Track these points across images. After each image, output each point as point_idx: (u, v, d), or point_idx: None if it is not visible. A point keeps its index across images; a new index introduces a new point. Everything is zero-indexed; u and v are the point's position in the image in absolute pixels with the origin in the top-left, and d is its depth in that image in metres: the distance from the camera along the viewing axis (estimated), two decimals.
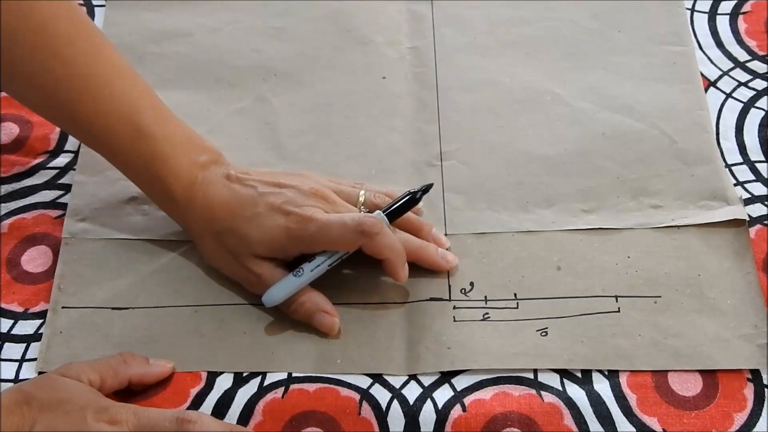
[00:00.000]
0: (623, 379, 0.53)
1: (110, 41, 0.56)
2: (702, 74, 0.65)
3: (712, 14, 0.69)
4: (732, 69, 0.66)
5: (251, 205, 0.54)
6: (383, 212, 0.55)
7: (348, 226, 0.52)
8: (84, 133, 0.56)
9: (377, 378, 0.53)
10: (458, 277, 0.57)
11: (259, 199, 0.54)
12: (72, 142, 0.64)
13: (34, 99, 0.55)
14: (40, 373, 0.54)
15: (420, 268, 0.57)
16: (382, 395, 0.52)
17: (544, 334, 0.54)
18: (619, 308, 0.55)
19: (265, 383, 0.53)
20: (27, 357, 0.55)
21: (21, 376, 0.54)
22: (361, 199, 0.56)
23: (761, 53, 0.66)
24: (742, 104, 0.64)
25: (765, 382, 0.52)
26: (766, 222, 0.58)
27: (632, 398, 0.52)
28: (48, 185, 0.62)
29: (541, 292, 0.56)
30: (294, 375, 0.53)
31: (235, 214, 0.54)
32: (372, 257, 0.54)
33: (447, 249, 0.58)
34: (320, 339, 0.55)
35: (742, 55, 0.66)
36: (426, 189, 0.56)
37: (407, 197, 0.56)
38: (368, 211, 0.55)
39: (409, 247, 0.55)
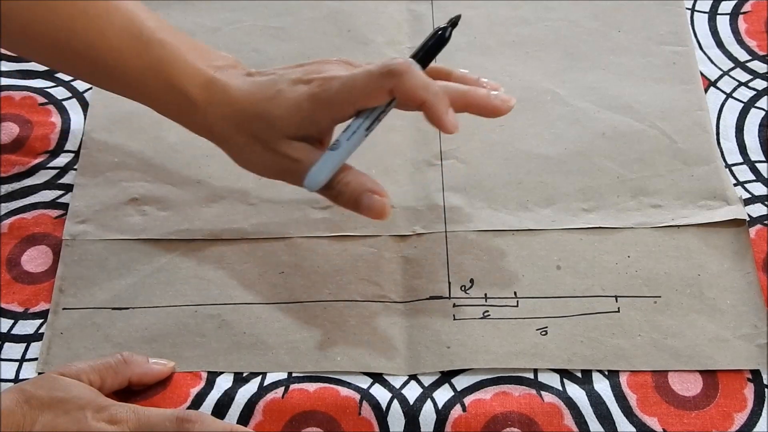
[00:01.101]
0: (623, 379, 0.53)
1: None
2: (702, 74, 0.65)
3: (712, 14, 0.69)
4: (732, 69, 0.66)
5: (272, 85, 0.51)
6: (411, 57, 0.50)
7: (373, 73, 0.48)
8: (87, 61, 0.53)
9: (377, 378, 0.53)
10: (458, 274, 0.57)
11: (279, 78, 0.51)
12: (72, 142, 0.64)
13: (30, 35, 0.52)
14: (40, 373, 0.54)
15: (420, 268, 0.57)
16: (382, 395, 0.52)
17: (543, 333, 0.54)
18: (618, 308, 0.55)
19: (265, 383, 0.53)
20: (27, 357, 0.55)
21: (21, 376, 0.54)
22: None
23: (761, 53, 0.66)
24: (742, 104, 0.64)
25: (765, 382, 0.52)
26: (766, 222, 0.58)
27: (632, 398, 0.52)
28: (48, 185, 0.62)
29: (541, 291, 0.56)
30: (294, 375, 0.53)
31: (258, 99, 0.51)
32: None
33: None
34: (320, 338, 0.55)
35: (742, 55, 0.66)
36: (454, 23, 0.51)
37: (434, 35, 0.51)
38: None
39: (454, 91, 0.50)
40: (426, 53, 0.51)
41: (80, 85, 0.67)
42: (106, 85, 0.55)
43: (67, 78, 0.67)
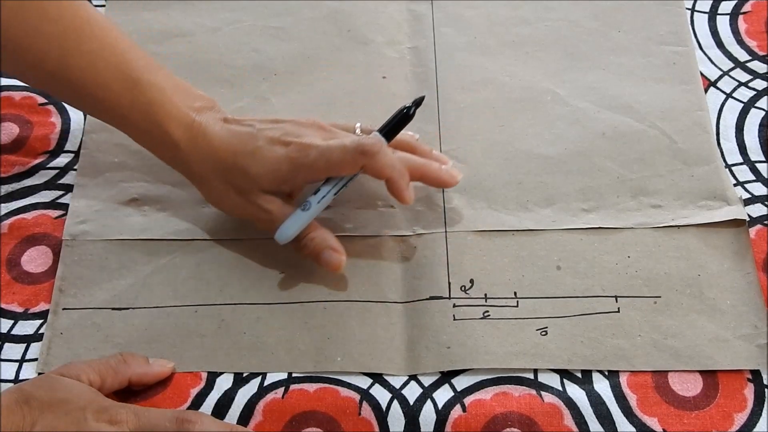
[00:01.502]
0: (623, 379, 0.53)
1: (89, 3, 0.55)
2: (702, 74, 0.65)
3: (712, 14, 0.69)
4: (732, 69, 0.66)
5: (251, 139, 0.55)
6: (379, 132, 0.56)
7: (348, 148, 0.53)
8: (77, 93, 0.55)
9: (377, 378, 0.53)
10: (458, 274, 0.57)
11: (258, 134, 0.55)
12: (72, 142, 0.64)
13: (25, 64, 0.54)
14: (40, 373, 0.54)
15: (420, 268, 0.57)
16: (382, 395, 0.52)
17: (543, 333, 0.54)
18: (618, 308, 0.55)
19: (265, 383, 0.53)
20: (27, 357, 0.55)
21: (21, 377, 0.54)
22: (358, 130, 0.58)
23: (761, 53, 0.66)
24: (742, 104, 0.64)
25: (765, 382, 0.52)
26: (766, 222, 0.58)
27: (632, 398, 0.52)
28: (48, 185, 0.62)
29: (541, 292, 0.56)
30: (294, 375, 0.54)
31: (237, 151, 0.54)
32: (356, 259, 0.55)
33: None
34: (320, 338, 0.55)
35: (742, 55, 0.66)
36: (418, 102, 0.57)
37: (401, 113, 0.57)
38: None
39: (411, 165, 0.56)
40: (392, 129, 0.56)
41: None
42: (99, 117, 0.57)
43: None
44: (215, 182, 0.55)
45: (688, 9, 0.69)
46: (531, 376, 0.53)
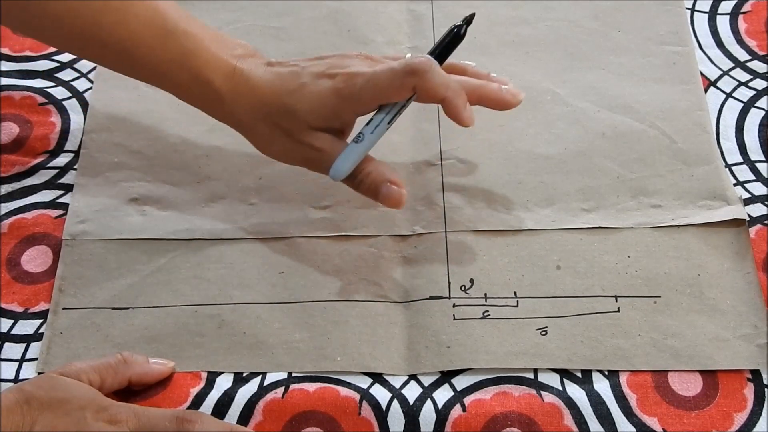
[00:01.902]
0: (623, 379, 0.53)
1: None
2: (702, 74, 0.65)
3: (712, 14, 0.69)
4: (732, 69, 0.66)
5: (295, 78, 0.53)
6: (429, 54, 0.53)
7: (396, 70, 0.51)
8: (109, 48, 0.54)
9: (377, 378, 0.53)
10: (458, 274, 0.57)
11: (303, 71, 0.53)
12: (72, 142, 0.64)
13: (55, 26, 0.53)
14: (40, 373, 0.54)
15: (420, 268, 0.57)
16: (382, 395, 0.52)
17: (543, 333, 0.54)
18: (618, 308, 0.55)
19: (265, 383, 0.53)
20: (27, 357, 0.55)
21: (21, 376, 0.54)
22: (408, 55, 0.55)
23: (761, 53, 0.66)
24: (742, 104, 0.64)
25: (765, 382, 0.52)
26: (766, 222, 0.58)
27: (632, 398, 0.52)
28: (48, 185, 0.62)
29: (540, 291, 0.56)
30: (294, 375, 0.53)
31: (282, 92, 0.53)
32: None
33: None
34: (320, 338, 0.55)
35: (742, 55, 0.66)
36: (468, 20, 0.54)
37: (450, 33, 0.54)
38: None
39: (468, 86, 0.54)
40: (443, 50, 0.54)
41: (80, 84, 0.67)
42: (132, 74, 0.56)
43: (67, 78, 0.67)
44: (263, 128, 0.54)
45: (688, 9, 0.69)
46: (531, 375, 0.53)
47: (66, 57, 0.68)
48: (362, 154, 0.53)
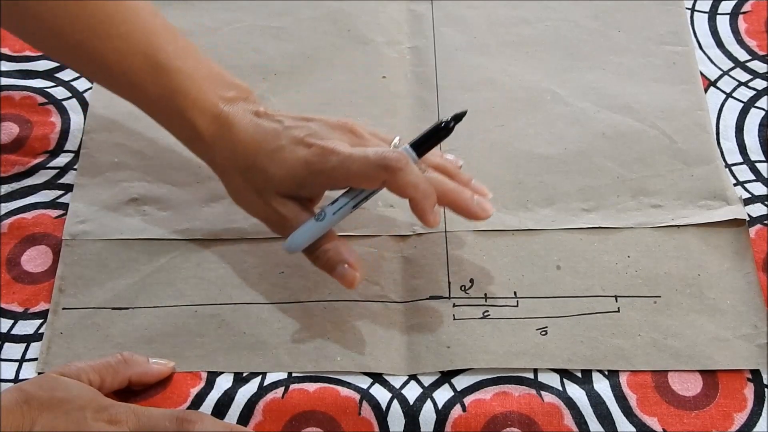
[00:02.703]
0: (623, 379, 0.53)
1: None
2: (702, 74, 0.66)
3: (712, 14, 0.69)
4: (732, 69, 0.66)
5: (275, 138, 0.52)
6: (410, 145, 0.52)
7: (370, 161, 0.49)
8: (100, 72, 0.54)
9: (377, 378, 0.53)
10: (458, 274, 0.57)
11: (284, 132, 0.52)
12: (72, 142, 0.64)
13: (48, 40, 0.53)
14: (39, 373, 0.54)
15: (420, 267, 0.57)
16: (382, 395, 0.52)
17: (543, 333, 0.54)
18: (618, 308, 0.55)
19: (265, 383, 0.53)
20: (27, 357, 0.55)
21: (21, 376, 0.54)
22: (396, 141, 0.54)
23: (761, 53, 0.66)
24: (742, 104, 0.64)
25: (765, 382, 0.52)
26: (766, 222, 0.58)
27: (632, 398, 0.52)
28: (48, 185, 0.62)
29: (540, 291, 0.56)
30: (294, 375, 0.53)
31: (259, 149, 0.52)
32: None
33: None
34: (320, 338, 0.55)
35: (742, 55, 0.66)
36: (458, 117, 0.52)
37: (436, 127, 0.52)
38: None
39: (441, 188, 0.52)
40: (424, 143, 0.52)
41: (80, 84, 0.67)
42: (126, 98, 0.56)
43: (67, 78, 0.67)
44: (237, 178, 0.53)
45: (688, 9, 0.69)
46: (531, 375, 0.53)
47: None
48: (320, 232, 0.52)
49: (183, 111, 0.53)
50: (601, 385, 0.53)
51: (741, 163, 0.61)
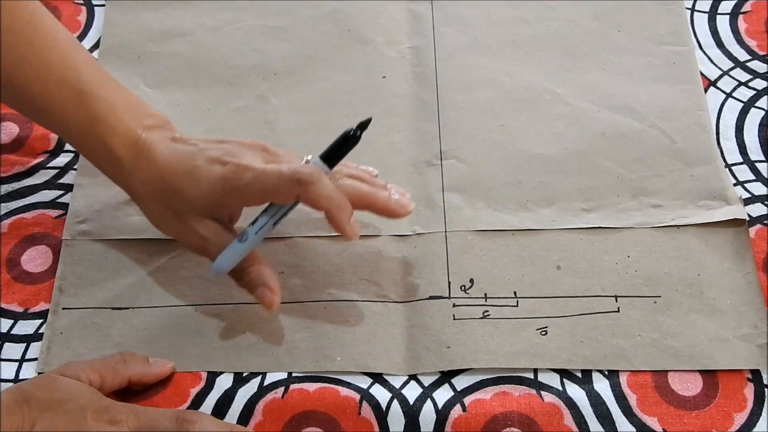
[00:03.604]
0: (623, 379, 0.53)
1: (49, 13, 0.55)
2: (702, 74, 0.65)
3: (712, 14, 0.69)
4: (732, 69, 0.66)
5: (191, 159, 0.52)
6: (320, 157, 0.53)
7: (284, 175, 0.50)
8: (24, 102, 0.55)
9: (377, 378, 0.53)
10: (458, 274, 0.57)
11: (199, 153, 0.53)
12: None
13: None
14: (39, 373, 0.54)
15: (420, 267, 0.57)
16: (382, 395, 0.52)
17: (543, 333, 0.54)
18: (618, 308, 0.55)
19: (265, 383, 0.53)
20: (27, 357, 0.55)
21: (21, 376, 0.54)
22: (308, 158, 0.55)
23: (761, 53, 0.66)
24: (742, 104, 0.64)
25: (765, 382, 0.52)
26: (766, 222, 0.58)
27: (632, 398, 0.52)
28: (48, 185, 0.62)
29: (540, 291, 0.56)
30: (294, 375, 0.53)
31: (176, 171, 0.52)
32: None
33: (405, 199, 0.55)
34: (320, 338, 0.55)
35: (742, 55, 0.66)
36: (363, 125, 0.53)
37: (344, 136, 0.53)
38: None
39: (355, 193, 0.53)
40: (335, 152, 0.53)
41: None
42: (48, 129, 0.57)
43: None
44: (155, 204, 0.54)
45: (688, 9, 0.69)
46: (531, 375, 0.53)
47: None
48: (244, 253, 0.53)
49: (102, 138, 0.53)
50: (601, 385, 0.53)
51: (741, 163, 0.61)
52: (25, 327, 0.56)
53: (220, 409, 0.52)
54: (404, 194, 0.56)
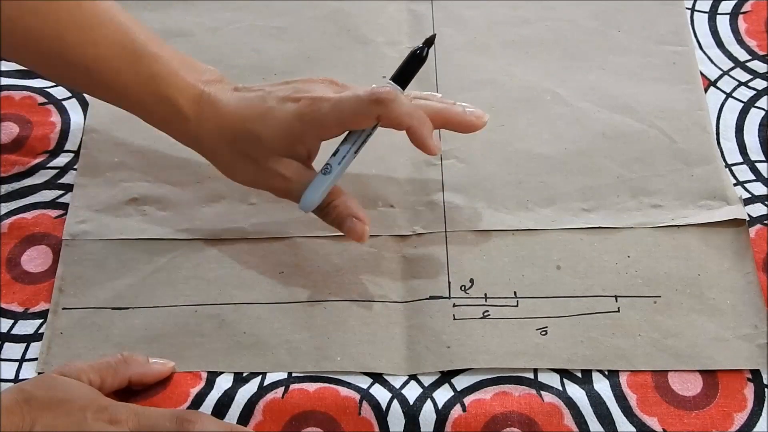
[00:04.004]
0: (623, 379, 0.53)
1: None
2: (702, 74, 0.66)
3: (712, 14, 0.69)
4: (732, 69, 0.66)
5: (261, 102, 0.53)
6: (391, 79, 0.53)
7: (362, 98, 0.51)
8: (77, 72, 0.54)
9: (377, 378, 0.53)
10: (458, 274, 0.57)
11: (268, 96, 0.53)
12: (72, 142, 0.64)
13: (22, 44, 0.53)
14: (39, 373, 0.54)
15: (420, 267, 0.57)
16: (382, 395, 0.52)
17: (543, 333, 0.54)
18: (618, 308, 0.55)
19: (265, 383, 0.53)
20: (27, 357, 0.55)
21: (21, 376, 0.54)
22: (374, 84, 0.54)
23: (761, 53, 0.66)
24: (742, 104, 0.64)
25: (765, 382, 0.52)
26: (766, 222, 0.58)
27: (632, 398, 0.52)
28: (48, 185, 0.62)
29: (541, 291, 0.56)
30: (294, 375, 0.53)
31: (246, 117, 0.52)
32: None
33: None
34: (320, 338, 0.55)
35: (742, 55, 0.66)
36: (430, 41, 0.54)
37: (411, 55, 0.54)
38: None
39: (432, 109, 0.54)
40: (405, 74, 0.53)
41: None
42: (99, 95, 0.56)
43: None
44: (228, 154, 0.54)
45: (688, 9, 0.69)
46: (531, 375, 0.53)
47: None
48: (330, 185, 0.53)
49: (165, 94, 0.53)
50: (601, 385, 0.53)
51: (741, 163, 0.61)
52: (25, 327, 0.56)
53: (220, 409, 0.52)
54: (474, 107, 0.56)
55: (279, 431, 0.51)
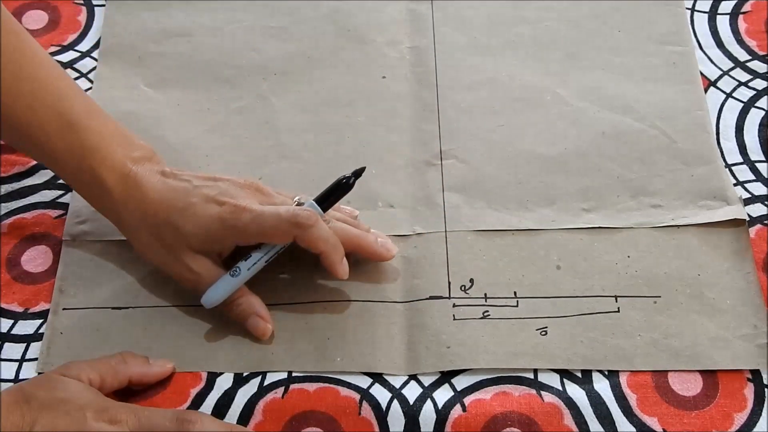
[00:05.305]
0: (623, 379, 0.53)
1: (34, 40, 0.55)
2: (702, 74, 0.66)
3: (712, 14, 0.69)
4: (732, 69, 0.66)
5: (186, 195, 0.53)
6: (315, 200, 0.54)
7: (282, 217, 0.52)
8: (11, 131, 0.55)
9: (377, 378, 0.53)
10: (458, 274, 0.57)
11: (194, 190, 0.54)
12: None
13: None
14: (40, 373, 0.54)
15: (420, 267, 0.57)
16: (382, 395, 0.52)
17: (543, 333, 0.54)
18: (618, 308, 0.55)
19: (265, 383, 0.53)
20: (27, 357, 0.55)
21: (21, 376, 0.54)
22: (297, 199, 0.56)
23: (761, 53, 0.66)
24: (742, 104, 0.64)
25: (765, 382, 0.52)
26: (766, 222, 0.58)
27: (632, 398, 0.52)
28: (48, 185, 0.62)
29: (541, 291, 0.56)
30: (294, 375, 0.53)
31: (170, 206, 0.53)
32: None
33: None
34: (320, 338, 0.55)
35: (742, 55, 0.66)
36: (358, 173, 0.55)
37: (338, 183, 0.55)
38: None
39: (346, 236, 0.55)
40: (328, 198, 0.54)
41: (80, 84, 0.66)
42: (35, 159, 0.57)
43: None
44: (146, 237, 0.54)
45: (688, 9, 0.69)
46: (531, 375, 0.53)
47: (66, 57, 0.68)
48: (236, 287, 0.54)
49: (93, 168, 0.54)
50: (601, 385, 0.53)
51: (741, 163, 0.61)
52: (25, 327, 0.56)
53: (220, 409, 0.52)
54: (386, 238, 0.57)
55: (279, 431, 0.51)
